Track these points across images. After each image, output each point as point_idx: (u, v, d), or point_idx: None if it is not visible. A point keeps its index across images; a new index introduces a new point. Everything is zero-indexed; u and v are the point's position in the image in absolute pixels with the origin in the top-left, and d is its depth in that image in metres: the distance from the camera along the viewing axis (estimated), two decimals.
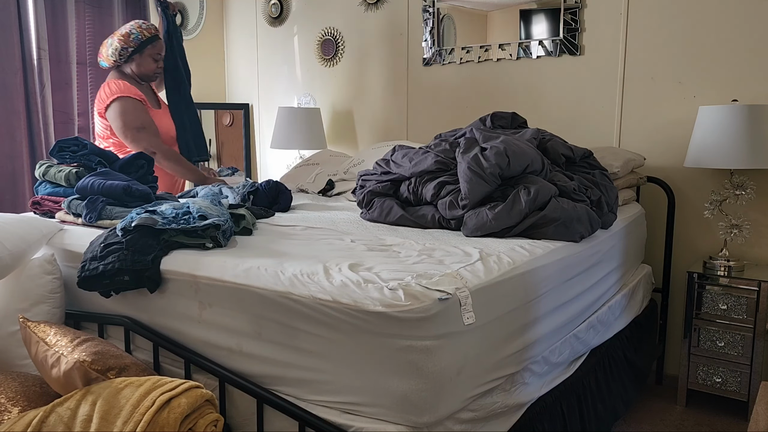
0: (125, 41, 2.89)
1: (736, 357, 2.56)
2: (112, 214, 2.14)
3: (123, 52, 2.91)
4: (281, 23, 4.19)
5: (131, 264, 1.77)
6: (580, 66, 3.08)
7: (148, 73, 2.98)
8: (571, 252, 2.03)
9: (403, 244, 1.93)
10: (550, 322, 1.90)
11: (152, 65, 2.97)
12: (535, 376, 1.84)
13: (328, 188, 3.18)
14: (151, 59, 2.96)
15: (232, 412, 1.67)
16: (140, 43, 2.91)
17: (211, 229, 1.88)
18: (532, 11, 3.19)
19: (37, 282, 1.95)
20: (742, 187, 2.61)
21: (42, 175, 2.44)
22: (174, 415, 1.36)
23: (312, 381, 1.52)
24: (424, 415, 1.40)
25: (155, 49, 2.96)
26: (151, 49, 2.95)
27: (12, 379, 1.71)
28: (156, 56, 2.97)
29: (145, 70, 2.97)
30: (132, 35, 2.90)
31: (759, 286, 2.49)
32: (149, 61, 2.96)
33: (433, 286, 1.45)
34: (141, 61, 2.95)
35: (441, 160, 2.34)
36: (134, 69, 2.97)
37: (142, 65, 2.96)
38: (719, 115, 2.52)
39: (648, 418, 2.63)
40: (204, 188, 2.71)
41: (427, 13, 3.51)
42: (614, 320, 2.43)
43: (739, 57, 2.68)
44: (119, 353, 1.62)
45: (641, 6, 2.90)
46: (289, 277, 1.56)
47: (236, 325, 1.63)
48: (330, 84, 4.01)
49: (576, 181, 2.33)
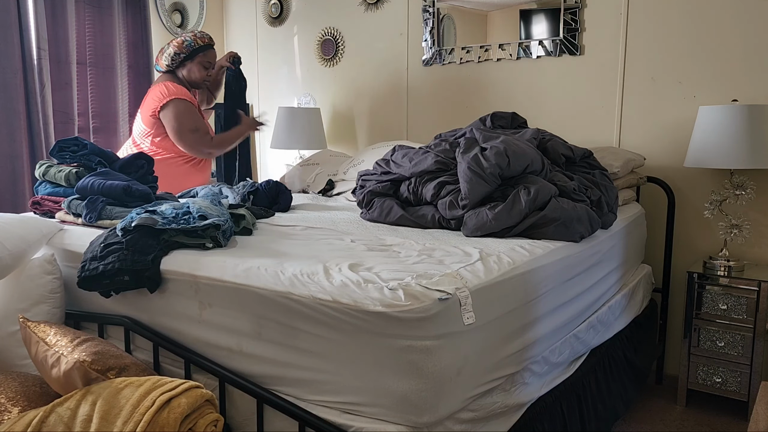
0: (179, 47, 3.03)
1: (736, 357, 2.56)
2: (112, 214, 2.14)
3: (176, 57, 3.04)
4: (281, 23, 4.19)
5: (131, 264, 1.77)
6: (580, 66, 3.08)
7: (197, 80, 3.09)
8: (571, 252, 2.03)
9: (403, 244, 1.93)
10: (550, 322, 1.90)
11: (201, 72, 3.08)
12: (535, 376, 1.84)
13: (328, 188, 3.18)
14: (200, 66, 3.07)
15: (232, 412, 1.67)
16: (192, 50, 3.03)
17: (211, 229, 1.88)
18: (532, 11, 3.19)
19: (37, 282, 1.95)
20: (742, 187, 2.61)
21: (42, 175, 2.44)
22: (174, 415, 1.36)
23: (312, 381, 1.52)
24: (424, 415, 1.40)
25: (206, 57, 3.07)
26: (201, 57, 3.06)
27: (12, 379, 1.71)
28: (206, 64, 3.07)
29: (194, 76, 3.08)
30: (185, 42, 3.03)
31: (759, 286, 2.49)
32: (199, 68, 3.07)
33: (433, 286, 1.45)
34: (191, 67, 3.06)
35: (441, 160, 2.34)
36: (185, 74, 3.09)
37: (192, 71, 3.07)
38: (719, 115, 2.52)
39: (648, 418, 2.63)
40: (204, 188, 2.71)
41: (427, 13, 3.51)
42: (614, 320, 2.43)
43: (739, 57, 2.69)
44: (119, 353, 1.62)
45: (641, 6, 2.90)
46: (289, 277, 1.56)
47: (236, 325, 1.63)
48: (330, 84, 4.01)
49: (576, 181, 2.33)
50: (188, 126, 2.95)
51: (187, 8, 4.21)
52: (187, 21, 4.21)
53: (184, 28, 4.18)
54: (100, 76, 3.59)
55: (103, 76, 3.59)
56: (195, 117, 2.99)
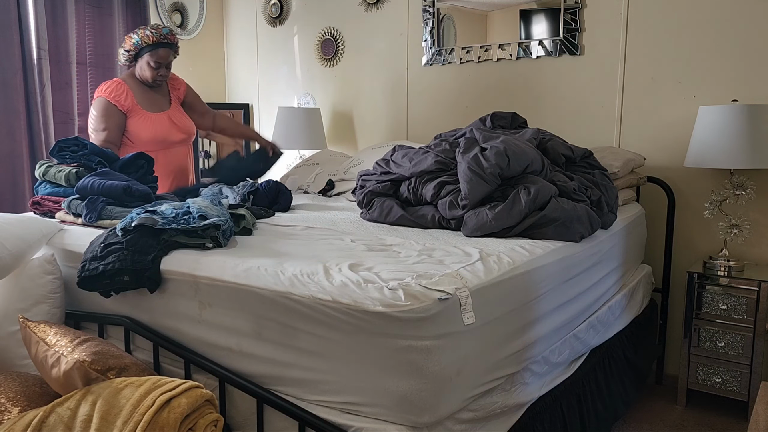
0: (129, 45, 2.91)
1: (736, 357, 2.56)
2: (112, 214, 2.14)
3: (126, 55, 2.94)
4: (281, 23, 4.19)
5: (131, 264, 1.77)
6: (580, 66, 3.08)
7: (148, 78, 2.93)
8: (571, 252, 2.03)
9: (403, 244, 1.93)
10: (550, 322, 1.90)
11: (150, 72, 2.91)
12: (535, 376, 1.84)
13: (328, 188, 3.18)
14: (147, 66, 2.90)
15: (232, 412, 1.67)
16: (139, 48, 2.89)
17: (211, 229, 1.88)
18: (532, 11, 3.19)
19: (37, 282, 1.95)
20: (742, 187, 2.61)
21: (42, 175, 2.44)
22: (174, 415, 1.36)
23: (312, 381, 1.52)
24: (424, 415, 1.40)
25: (154, 56, 2.89)
26: (148, 56, 2.89)
27: (12, 379, 1.71)
28: (154, 63, 2.90)
29: (144, 74, 2.94)
30: (133, 39, 2.90)
31: (759, 286, 2.49)
32: (146, 68, 2.91)
33: (433, 286, 1.45)
34: (141, 64, 2.93)
35: (441, 160, 2.34)
36: (139, 74, 2.96)
37: (143, 69, 2.94)
38: (719, 115, 2.52)
39: (648, 418, 2.63)
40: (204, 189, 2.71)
41: (427, 13, 3.51)
42: (614, 320, 2.43)
43: (739, 57, 2.68)
44: (119, 353, 1.62)
45: (641, 6, 2.90)
46: (289, 277, 1.56)
47: (236, 325, 1.63)
48: (330, 84, 4.01)
49: (576, 181, 2.33)
50: (91, 125, 2.89)
51: (187, 8, 4.21)
52: (187, 21, 4.21)
53: (184, 28, 4.19)
54: (100, 76, 3.59)
55: (103, 76, 3.59)
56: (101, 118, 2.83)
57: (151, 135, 2.93)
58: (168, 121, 3.01)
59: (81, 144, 2.40)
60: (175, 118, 3.04)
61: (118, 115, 2.88)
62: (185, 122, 3.09)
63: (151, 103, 2.99)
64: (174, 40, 2.96)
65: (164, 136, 2.98)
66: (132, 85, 2.95)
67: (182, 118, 3.09)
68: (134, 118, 2.91)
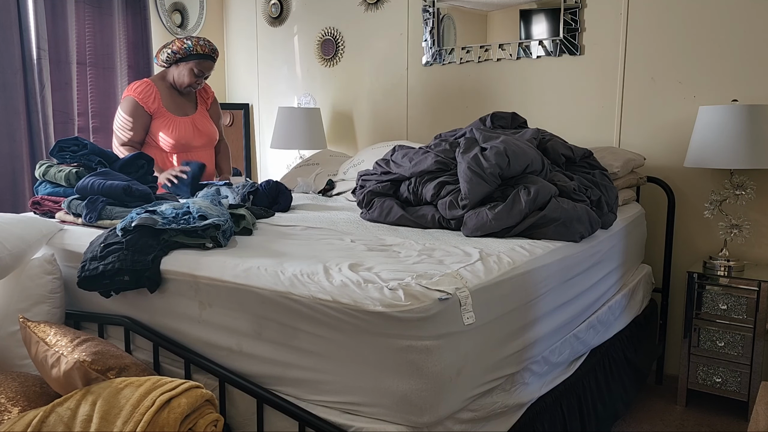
0: (179, 48, 3.00)
1: (736, 357, 2.56)
2: (112, 214, 2.14)
3: (171, 56, 3.02)
4: (281, 23, 4.19)
5: (131, 264, 1.77)
6: (580, 66, 3.08)
7: (184, 83, 3.05)
8: (571, 252, 2.03)
9: (403, 244, 1.93)
10: (550, 322, 1.90)
11: (191, 78, 3.03)
12: (535, 376, 1.84)
13: (328, 188, 3.18)
14: (190, 72, 3.02)
15: (232, 412, 1.67)
16: (188, 54, 3.00)
17: (211, 229, 1.88)
18: (532, 11, 3.19)
19: (37, 282, 1.95)
20: (742, 187, 2.61)
21: (42, 175, 2.44)
22: (174, 415, 1.36)
23: (312, 381, 1.52)
24: (424, 415, 1.40)
25: (200, 65, 3.02)
26: (196, 63, 3.01)
27: (12, 379, 1.71)
28: (198, 72, 3.03)
29: (183, 79, 3.04)
30: (185, 45, 3.00)
31: (759, 286, 2.49)
32: (189, 73, 3.02)
33: (433, 286, 1.45)
34: (183, 69, 3.03)
35: (441, 160, 2.34)
36: (175, 75, 3.06)
37: (182, 74, 3.04)
38: (719, 115, 2.52)
39: (648, 418, 2.63)
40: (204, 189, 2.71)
41: (427, 13, 3.51)
42: (614, 320, 2.43)
43: (739, 57, 2.68)
44: (119, 353, 1.62)
45: (641, 6, 2.90)
46: (289, 277, 1.56)
47: (236, 325, 1.63)
48: (330, 84, 4.01)
49: (576, 181, 2.33)
50: (117, 123, 3.01)
51: (187, 8, 4.21)
52: (187, 21, 4.21)
53: (184, 28, 4.19)
54: (100, 76, 3.59)
55: (103, 76, 3.60)
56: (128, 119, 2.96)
57: (174, 138, 3.04)
58: (191, 125, 3.10)
59: (81, 144, 2.40)
60: (198, 123, 3.14)
61: (145, 116, 3.01)
62: (208, 128, 3.19)
63: (177, 107, 3.10)
64: (217, 58, 3.11)
65: (187, 140, 3.08)
66: (161, 88, 3.07)
67: (206, 123, 3.19)
68: (159, 120, 3.03)
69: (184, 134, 3.07)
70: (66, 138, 2.43)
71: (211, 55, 3.05)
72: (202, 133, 3.14)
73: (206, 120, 3.20)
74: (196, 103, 3.21)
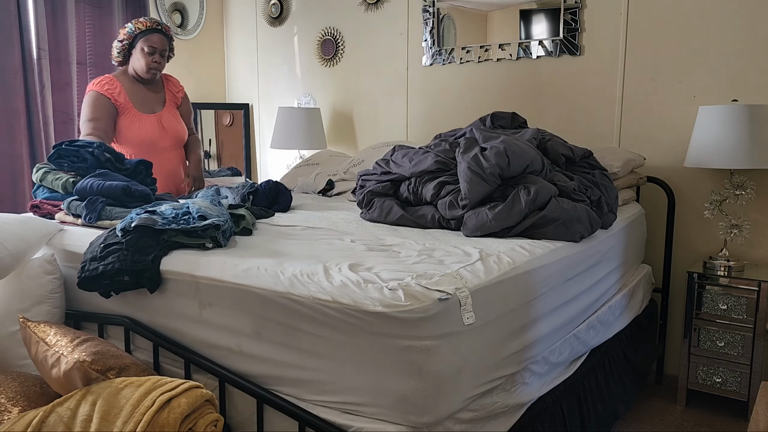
0: (123, 35, 2.88)
1: (736, 357, 2.56)
2: (112, 215, 2.14)
3: (120, 46, 2.90)
4: (281, 23, 4.19)
5: (131, 264, 1.77)
6: (580, 66, 3.08)
7: (143, 67, 2.89)
8: (571, 252, 2.03)
9: (403, 244, 1.93)
10: (550, 322, 1.90)
11: (145, 59, 2.88)
12: (535, 376, 1.84)
13: (328, 188, 3.18)
14: (141, 53, 2.87)
15: (232, 412, 1.67)
16: (134, 35, 2.87)
17: (211, 229, 1.88)
18: (532, 11, 3.19)
19: (37, 282, 1.95)
20: (742, 187, 2.61)
21: (39, 180, 2.41)
22: (174, 415, 1.36)
23: (312, 381, 1.52)
24: (424, 415, 1.40)
25: (148, 41, 2.86)
26: (143, 41, 2.86)
27: (12, 379, 1.71)
28: (149, 49, 2.87)
29: (138, 64, 2.90)
30: (127, 28, 2.88)
31: (759, 286, 2.49)
32: (140, 55, 2.88)
33: (433, 286, 1.45)
34: (136, 55, 2.89)
35: (441, 160, 2.34)
36: (134, 66, 2.92)
37: (137, 59, 2.90)
38: (719, 115, 2.52)
39: (648, 418, 2.63)
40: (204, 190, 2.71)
41: (427, 13, 3.51)
42: (614, 320, 2.43)
43: (739, 57, 2.68)
44: (119, 353, 1.62)
45: (641, 6, 2.90)
46: (289, 277, 1.56)
47: (236, 325, 1.63)
48: (330, 84, 4.01)
49: (576, 181, 2.33)
50: (81, 117, 2.84)
51: (187, 8, 4.21)
52: (187, 21, 4.21)
53: (184, 28, 4.19)
54: (100, 76, 3.58)
55: None
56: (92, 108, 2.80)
57: (138, 137, 2.89)
58: (157, 124, 2.95)
59: (81, 158, 2.35)
60: (165, 122, 2.98)
61: (111, 106, 2.84)
62: (176, 126, 3.03)
63: (142, 103, 2.94)
64: (168, 32, 2.94)
65: (152, 140, 2.93)
66: (124, 83, 2.91)
67: (173, 121, 3.02)
68: (124, 117, 2.87)
69: (150, 133, 2.91)
70: (67, 147, 2.36)
71: (154, 28, 2.89)
72: (168, 132, 2.98)
73: (174, 118, 3.03)
74: (165, 100, 3.05)
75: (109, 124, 2.84)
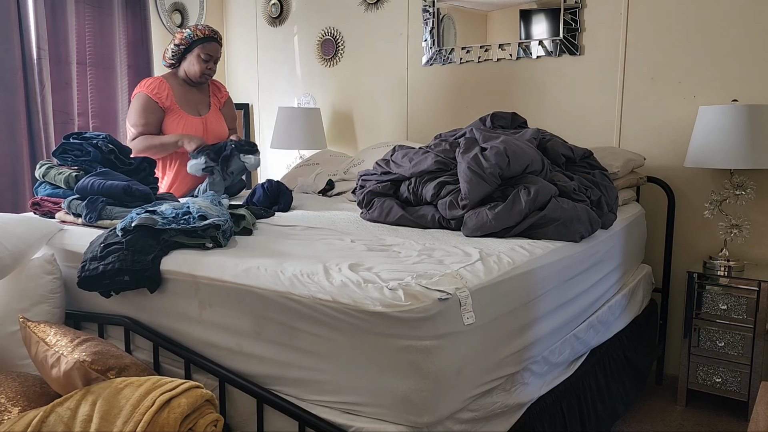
0: (180, 39, 2.99)
1: (736, 357, 2.56)
2: (112, 214, 2.14)
3: (176, 50, 3.01)
4: (281, 23, 4.19)
5: (131, 264, 1.77)
6: (580, 66, 3.08)
7: (196, 72, 3.02)
8: (571, 252, 2.03)
9: (403, 244, 1.93)
10: (550, 322, 1.90)
11: (201, 65, 3.01)
12: (535, 376, 1.84)
13: (328, 188, 3.18)
14: (197, 59, 3.00)
15: (232, 412, 1.67)
16: (192, 41, 2.98)
17: (211, 229, 1.88)
18: (532, 11, 3.18)
19: (37, 282, 1.95)
20: (742, 187, 2.61)
21: (42, 176, 2.43)
22: (174, 415, 1.36)
23: (312, 381, 1.52)
24: (424, 415, 1.40)
25: (205, 49, 3.00)
26: (200, 48, 2.99)
27: (12, 379, 1.71)
28: (205, 56, 3.00)
29: (192, 69, 3.02)
30: (185, 34, 2.99)
31: (759, 286, 2.49)
32: (198, 60, 3.00)
33: (433, 286, 1.45)
34: (191, 59, 3.01)
35: (441, 160, 2.34)
36: (186, 69, 3.04)
37: (191, 64, 3.02)
38: (719, 115, 2.52)
39: (648, 418, 2.63)
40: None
41: (427, 13, 3.51)
42: (614, 320, 2.43)
43: (739, 57, 2.68)
44: (119, 353, 1.63)
45: (641, 6, 2.90)
46: (289, 277, 1.56)
47: (236, 325, 1.63)
48: (330, 84, 4.01)
49: (576, 181, 2.33)
50: (130, 120, 2.97)
51: (187, 8, 4.21)
52: (187, 21, 4.21)
53: (184, 28, 4.18)
54: (100, 76, 3.59)
55: (103, 76, 3.59)
56: (141, 113, 2.92)
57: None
58: (202, 126, 3.07)
59: (85, 151, 2.37)
60: (210, 124, 3.11)
61: (159, 111, 2.97)
62: (219, 129, 3.16)
63: (189, 104, 3.07)
64: (221, 40, 3.07)
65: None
66: (173, 84, 3.04)
67: (218, 124, 3.16)
68: (171, 117, 2.99)
69: (195, 134, 3.01)
70: (72, 141, 2.39)
71: (212, 36, 3.02)
72: (211, 134, 3.10)
73: (218, 120, 3.17)
74: (210, 103, 3.18)
75: (157, 128, 2.99)
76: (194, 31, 2.99)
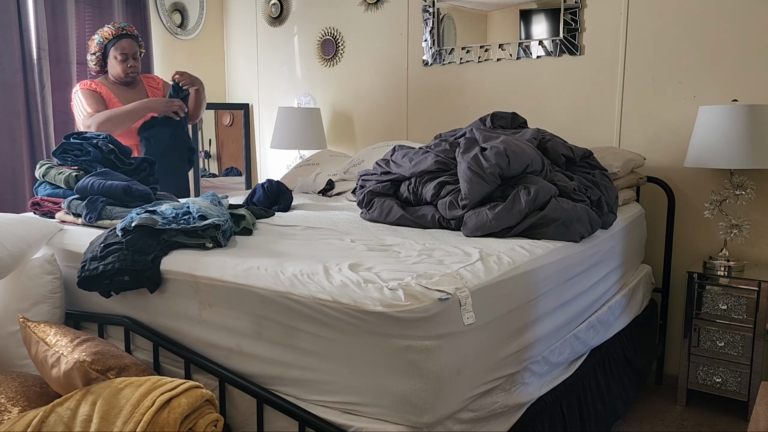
0: (93, 47, 2.96)
1: (736, 357, 2.56)
2: (112, 214, 2.14)
3: (94, 59, 2.99)
4: (281, 23, 4.19)
5: (131, 264, 1.77)
6: (580, 66, 3.08)
7: (119, 74, 2.98)
8: (571, 252, 2.03)
9: (403, 244, 1.93)
10: (550, 322, 1.90)
11: (120, 66, 2.96)
12: (535, 376, 1.84)
13: (328, 188, 3.18)
14: (115, 61, 2.95)
15: (232, 412, 1.67)
16: (104, 45, 2.95)
17: (211, 229, 1.88)
18: (532, 11, 3.18)
19: (37, 282, 1.95)
20: (742, 187, 2.61)
21: (42, 176, 2.43)
22: (174, 415, 1.36)
23: (312, 381, 1.52)
24: (424, 415, 1.40)
25: (118, 49, 2.94)
26: (113, 50, 2.94)
27: (12, 379, 1.71)
28: (121, 56, 2.94)
29: (115, 72, 2.99)
30: (96, 39, 2.95)
31: (759, 286, 2.49)
32: (115, 63, 2.96)
33: (433, 286, 1.45)
34: (110, 63, 2.98)
35: (441, 160, 2.34)
36: (111, 73, 3.02)
37: (113, 68, 2.98)
38: (719, 115, 2.52)
39: (648, 418, 2.63)
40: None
41: (427, 13, 3.51)
42: (614, 320, 2.43)
43: (739, 57, 2.68)
44: (119, 353, 1.63)
45: (641, 6, 2.90)
46: (289, 277, 1.56)
47: (236, 325, 1.63)
48: (330, 84, 4.01)
49: (576, 181, 2.33)
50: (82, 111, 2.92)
51: (187, 8, 4.21)
52: (187, 21, 4.21)
53: (184, 28, 4.19)
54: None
55: None
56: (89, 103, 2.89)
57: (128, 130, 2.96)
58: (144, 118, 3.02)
59: (85, 151, 2.37)
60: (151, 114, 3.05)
61: (102, 103, 2.94)
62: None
63: (127, 100, 3.01)
64: (134, 32, 3.00)
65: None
66: (108, 85, 3.01)
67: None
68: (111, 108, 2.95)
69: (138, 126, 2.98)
70: (72, 141, 2.39)
71: (120, 34, 2.94)
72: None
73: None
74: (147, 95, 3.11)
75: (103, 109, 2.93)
76: (101, 34, 2.94)
